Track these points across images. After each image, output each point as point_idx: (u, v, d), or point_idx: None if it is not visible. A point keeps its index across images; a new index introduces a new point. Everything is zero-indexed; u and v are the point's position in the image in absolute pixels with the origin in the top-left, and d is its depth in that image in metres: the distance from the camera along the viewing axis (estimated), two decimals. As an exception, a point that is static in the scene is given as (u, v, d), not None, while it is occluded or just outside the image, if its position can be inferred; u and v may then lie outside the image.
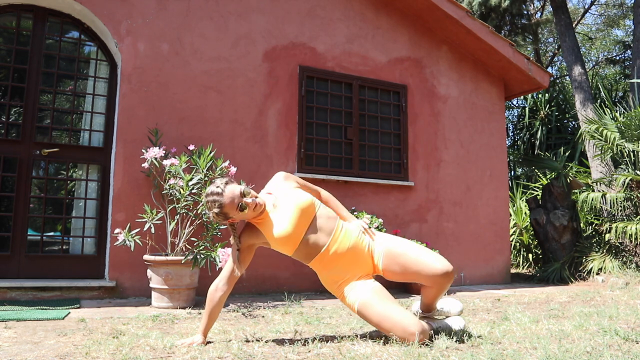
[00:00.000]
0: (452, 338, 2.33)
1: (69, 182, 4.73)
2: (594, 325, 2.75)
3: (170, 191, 3.92)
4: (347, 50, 5.50)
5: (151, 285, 3.81)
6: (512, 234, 8.06)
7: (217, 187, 2.31)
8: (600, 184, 7.11)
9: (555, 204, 6.52)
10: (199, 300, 3.97)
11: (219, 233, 3.97)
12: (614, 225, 6.09)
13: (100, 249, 4.33)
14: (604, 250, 6.16)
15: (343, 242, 2.40)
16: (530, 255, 8.00)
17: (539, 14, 15.44)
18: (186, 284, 3.77)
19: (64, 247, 4.40)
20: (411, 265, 2.37)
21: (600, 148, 6.78)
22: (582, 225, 6.99)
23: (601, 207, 6.86)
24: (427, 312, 2.60)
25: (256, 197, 2.36)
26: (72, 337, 2.54)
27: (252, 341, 2.38)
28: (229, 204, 2.28)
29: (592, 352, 2.11)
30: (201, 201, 3.88)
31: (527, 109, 10.99)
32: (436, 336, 2.37)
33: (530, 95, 10.92)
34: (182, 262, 3.72)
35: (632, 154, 6.54)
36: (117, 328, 2.76)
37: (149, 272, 3.82)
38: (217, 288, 2.40)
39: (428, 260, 2.35)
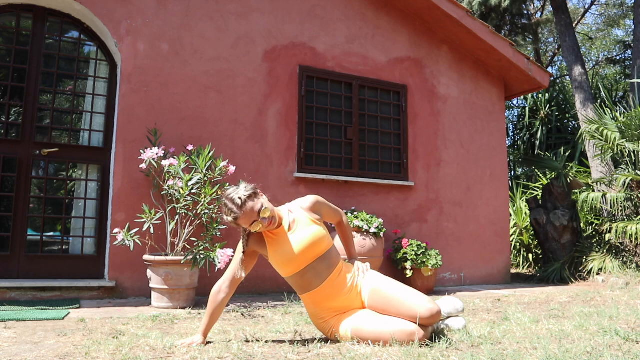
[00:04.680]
0: (453, 338, 2.33)
1: (68, 182, 4.72)
2: (594, 325, 2.75)
3: (170, 191, 3.91)
4: (347, 50, 5.49)
5: (151, 285, 3.81)
6: (512, 234, 8.06)
7: (240, 198, 2.26)
8: (600, 184, 7.11)
9: (556, 204, 6.52)
10: (199, 300, 3.96)
11: (219, 233, 3.97)
12: (614, 226, 6.08)
13: (100, 249, 4.33)
14: (604, 251, 6.16)
15: (337, 287, 2.39)
16: (530, 255, 7.99)
17: (539, 13, 15.44)
18: (186, 284, 3.77)
19: (64, 247, 4.40)
20: (393, 308, 2.31)
21: (600, 148, 6.78)
22: (582, 225, 6.98)
23: (601, 207, 6.86)
24: None
25: (273, 217, 2.32)
26: (71, 337, 2.54)
27: (252, 341, 2.38)
28: (244, 219, 2.28)
29: (592, 352, 2.11)
30: (201, 201, 3.88)
31: (527, 109, 10.99)
32: (437, 336, 2.36)
33: (530, 95, 10.91)
34: (182, 262, 3.71)
35: (632, 154, 6.53)
36: (117, 328, 2.76)
37: (149, 272, 3.82)
38: (220, 290, 2.40)
39: (411, 304, 2.28)
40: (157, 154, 3.96)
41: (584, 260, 6.14)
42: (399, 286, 2.41)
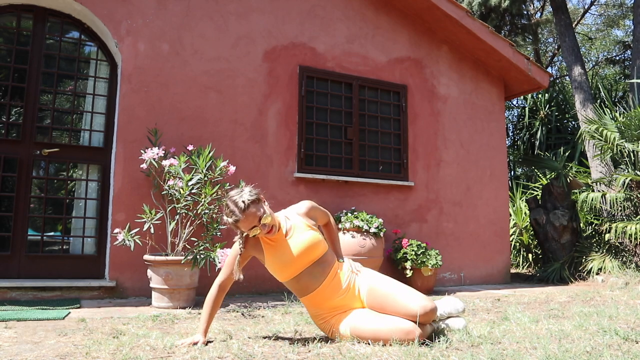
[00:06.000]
0: (452, 338, 2.34)
1: (69, 182, 4.73)
2: (594, 325, 2.75)
3: (170, 191, 3.92)
4: (347, 50, 5.50)
5: (151, 285, 3.81)
6: (512, 234, 8.07)
7: (243, 202, 2.28)
8: (600, 184, 7.11)
9: (555, 204, 6.52)
10: (199, 300, 3.97)
11: (219, 233, 3.97)
12: (613, 225, 6.09)
13: (100, 249, 4.33)
14: (604, 250, 6.17)
15: (334, 288, 2.42)
16: (530, 255, 8.00)
17: (538, 14, 15.45)
18: (186, 284, 3.77)
19: (64, 247, 4.40)
20: (389, 306, 2.34)
21: (600, 148, 6.79)
22: (582, 225, 6.99)
23: (601, 207, 6.86)
24: None
25: (273, 226, 2.35)
26: (72, 337, 2.54)
27: (252, 341, 2.38)
28: (244, 223, 2.30)
29: (591, 352, 2.11)
30: (201, 201, 3.88)
31: (527, 109, 11.00)
32: (436, 336, 2.37)
33: (530, 95, 10.92)
34: (182, 262, 3.72)
35: (631, 154, 6.54)
36: (117, 328, 2.76)
37: (149, 272, 3.82)
38: (219, 288, 2.44)
39: (405, 302, 2.31)
40: (157, 154, 3.96)
41: (583, 260, 6.15)
42: (394, 284, 2.44)
